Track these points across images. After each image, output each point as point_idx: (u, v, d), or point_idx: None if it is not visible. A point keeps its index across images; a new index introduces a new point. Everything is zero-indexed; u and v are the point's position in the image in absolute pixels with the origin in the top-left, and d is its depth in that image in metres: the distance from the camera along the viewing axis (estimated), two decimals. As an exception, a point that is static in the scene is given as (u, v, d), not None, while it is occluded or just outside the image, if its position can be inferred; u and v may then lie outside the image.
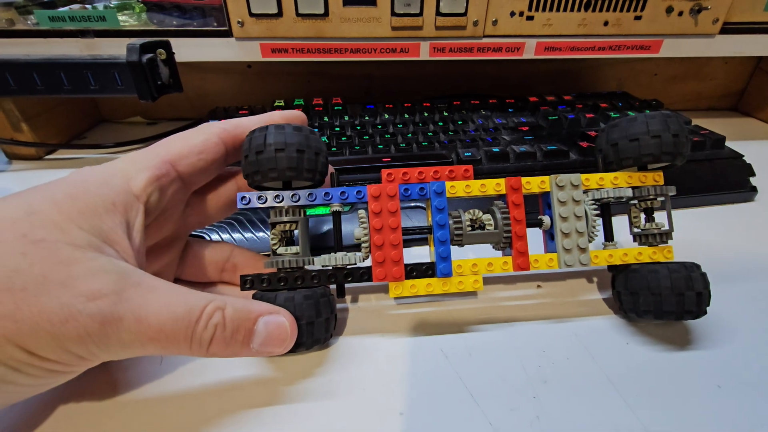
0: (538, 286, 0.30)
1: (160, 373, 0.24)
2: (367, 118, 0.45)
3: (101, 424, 0.21)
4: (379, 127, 0.43)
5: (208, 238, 0.31)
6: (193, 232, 0.31)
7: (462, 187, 0.25)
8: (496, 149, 0.38)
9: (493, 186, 0.25)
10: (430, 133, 0.42)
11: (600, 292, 0.29)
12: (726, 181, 0.40)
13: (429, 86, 0.56)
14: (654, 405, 0.22)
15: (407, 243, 0.33)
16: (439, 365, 0.24)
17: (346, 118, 0.45)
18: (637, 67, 0.57)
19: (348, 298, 0.29)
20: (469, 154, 0.38)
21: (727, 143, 0.41)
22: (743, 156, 0.40)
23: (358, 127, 0.43)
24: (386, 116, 0.46)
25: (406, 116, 0.46)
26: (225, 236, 0.32)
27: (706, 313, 0.24)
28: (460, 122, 0.44)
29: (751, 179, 0.40)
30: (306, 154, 0.23)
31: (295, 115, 0.26)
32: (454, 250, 0.27)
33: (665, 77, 0.58)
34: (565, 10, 0.41)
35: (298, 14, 0.39)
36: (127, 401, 0.22)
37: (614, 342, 0.26)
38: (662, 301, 0.24)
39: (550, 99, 0.48)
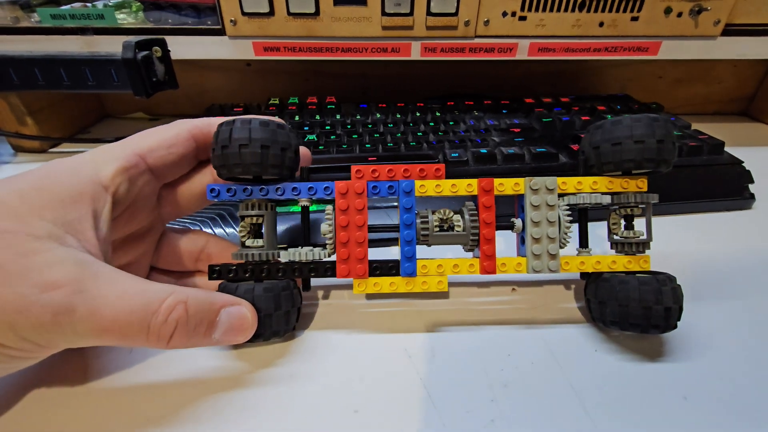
0: (513, 289, 0.30)
1: (130, 362, 0.24)
2: (358, 117, 0.46)
3: (71, 410, 0.22)
4: (370, 126, 0.44)
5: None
6: (175, 224, 0.32)
7: (432, 186, 0.25)
8: (483, 150, 0.38)
9: (465, 186, 0.25)
10: (419, 133, 0.42)
11: (576, 300, 0.29)
12: (723, 187, 0.39)
13: (425, 86, 0.56)
14: (615, 414, 0.21)
15: (385, 242, 0.33)
16: (401, 364, 0.24)
17: (338, 116, 0.45)
18: (641, 69, 0.56)
19: (320, 293, 0.29)
20: (456, 154, 0.37)
21: (730, 149, 0.40)
22: (743, 162, 0.39)
23: (349, 126, 0.44)
24: (378, 116, 0.46)
25: (398, 116, 0.46)
26: (207, 231, 0.32)
27: (675, 327, 0.23)
28: (451, 123, 0.44)
29: (750, 186, 0.39)
30: (271, 150, 0.23)
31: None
32: (430, 249, 0.27)
33: (670, 80, 0.56)
34: (558, 10, 0.40)
35: (289, 13, 0.39)
36: (97, 388, 0.23)
37: (582, 350, 0.25)
38: (629, 313, 0.23)
39: (546, 101, 0.48)
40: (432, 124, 0.44)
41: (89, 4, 0.41)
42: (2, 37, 0.40)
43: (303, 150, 0.26)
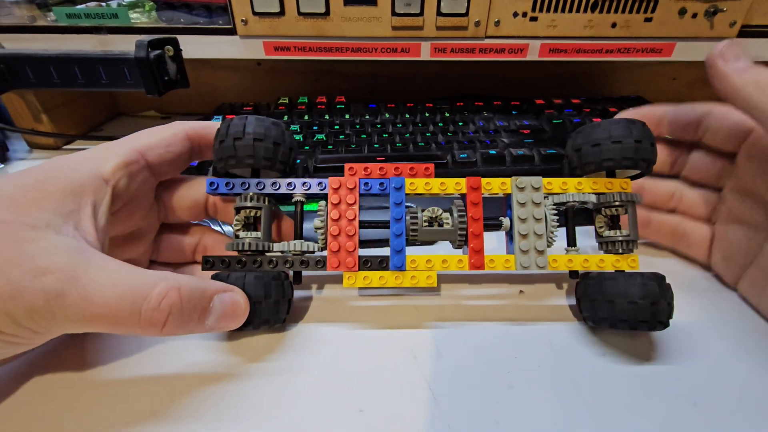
0: (521, 292, 0.29)
1: (129, 353, 0.24)
2: (367, 117, 0.46)
3: (69, 399, 0.22)
4: (379, 126, 0.44)
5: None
6: None
7: (422, 184, 0.25)
8: (492, 152, 0.38)
9: (453, 185, 0.25)
10: (428, 134, 0.42)
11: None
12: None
13: (435, 86, 0.56)
14: (624, 420, 0.21)
15: (377, 243, 0.32)
16: (407, 364, 0.24)
17: (347, 116, 0.46)
18: (655, 71, 0.55)
19: (314, 286, 0.29)
20: (465, 155, 0.37)
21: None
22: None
23: (358, 126, 0.44)
24: (387, 116, 0.46)
25: (407, 116, 0.46)
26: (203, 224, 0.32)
27: (665, 325, 0.23)
28: (460, 123, 0.44)
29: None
30: (264, 143, 0.24)
31: None
32: (423, 249, 0.27)
33: (685, 82, 0.55)
34: (570, 11, 0.40)
35: (299, 13, 0.40)
36: (95, 378, 0.23)
37: (589, 352, 0.25)
38: (615, 308, 0.23)
39: (557, 102, 0.47)
40: (441, 124, 0.44)
41: (104, 4, 0.42)
42: (19, 35, 0.42)
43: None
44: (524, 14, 0.40)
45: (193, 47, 0.42)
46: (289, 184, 0.25)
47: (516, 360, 0.24)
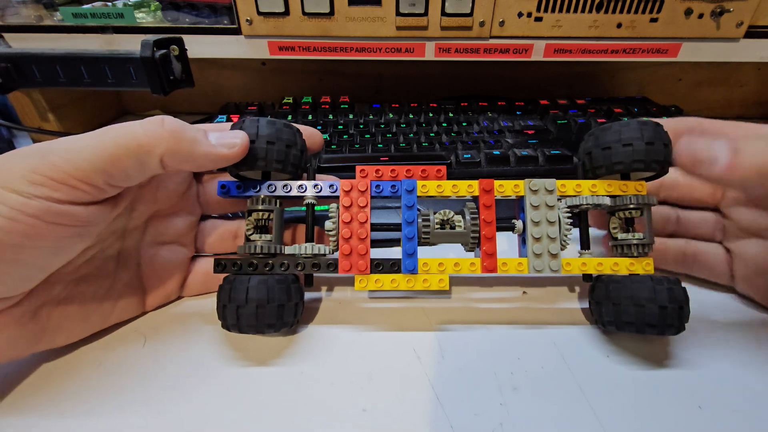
0: (524, 292, 0.29)
1: (141, 354, 0.24)
2: (371, 117, 0.46)
3: (83, 400, 0.22)
4: (383, 126, 0.44)
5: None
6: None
7: (434, 186, 0.25)
8: (496, 152, 0.38)
9: (465, 187, 0.25)
10: (432, 134, 0.42)
11: (582, 302, 0.28)
12: (743, 193, 0.37)
13: (439, 87, 0.56)
14: (628, 423, 0.21)
15: (389, 243, 0.33)
16: (410, 364, 0.24)
17: (351, 116, 0.46)
18: (660, 71, 0.55)
19: (323, 288, 0.29)
20: (469, 156, 0.37)
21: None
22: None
23: (362, 126, 0.44)
24: (391, 116, 0.46)
25: (411, 116, 0.46)
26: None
27: (677, 329, 0.23)
28: (464, 123, 0.44)
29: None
30: (276, 146, 0.24)
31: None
32: (433, 249, 0.27)
33: (690, 83, 0.55)
34: (575, 11, 0.40)
35: (304, 13, 0.40)
36: (109, 381, 0.23)
37: (594, 355, 0.25)
38: (621, 311, 0.23)
39: (562, 102, 0.47)
40: (445, 124, 0.44)
41: (109, 4, 0.42)
42: (26, 35, 0.42)
43: (311, 131, 0.27)
44: (529, 14, 0.40)
45: (198, 47, 0.42)
46: (300, 186, 0.25)
47: (519, 361, 0.24)
